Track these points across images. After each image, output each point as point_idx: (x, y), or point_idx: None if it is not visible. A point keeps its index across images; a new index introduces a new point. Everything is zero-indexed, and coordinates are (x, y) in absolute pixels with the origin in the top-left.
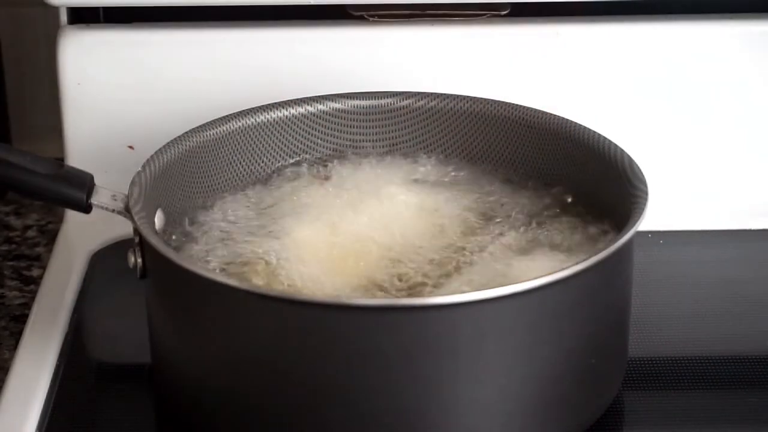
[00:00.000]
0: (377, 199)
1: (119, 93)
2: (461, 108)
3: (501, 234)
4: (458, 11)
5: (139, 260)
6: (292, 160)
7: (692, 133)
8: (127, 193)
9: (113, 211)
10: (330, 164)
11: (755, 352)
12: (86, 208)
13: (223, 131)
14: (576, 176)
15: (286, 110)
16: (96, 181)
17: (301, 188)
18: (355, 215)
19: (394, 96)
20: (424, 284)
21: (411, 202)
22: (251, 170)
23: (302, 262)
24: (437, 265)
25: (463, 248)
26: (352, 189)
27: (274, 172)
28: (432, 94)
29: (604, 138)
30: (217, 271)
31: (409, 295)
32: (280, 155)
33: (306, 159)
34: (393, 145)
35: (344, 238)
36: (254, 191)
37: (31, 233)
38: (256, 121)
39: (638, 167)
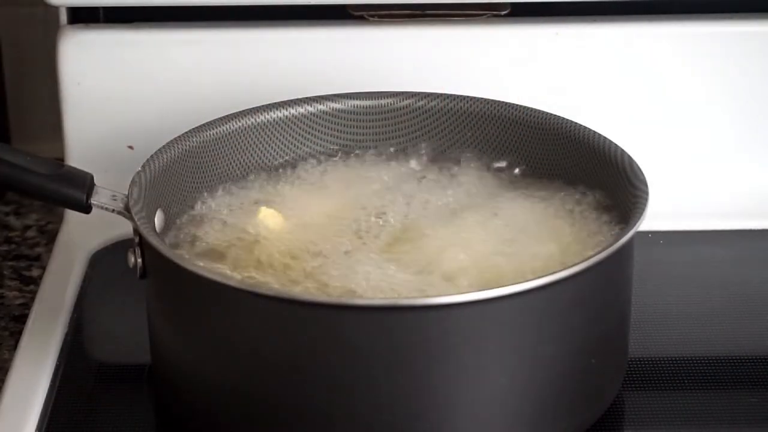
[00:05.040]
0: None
1: (119, 93)
2: (461, 108)
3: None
4: (458, 11)
5: (139, 260)
6: (291, 160)
7: (692, 133)
8: (127, 193)
9: (113, 211)
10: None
11: (755, 352)
12: (86, 208)
13: (223, 131)
14: (576, 176)
15: (286, 110)
16: (96, 181)
17: (300, 186)
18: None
19: (394, 96)
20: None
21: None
22: (251, 170)
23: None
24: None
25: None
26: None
27: (273, 171)
28: (432, 94)
29: (604, 138)
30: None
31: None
32: (279, 155)
33: (305, 159)
34: (393, 145)
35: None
36: (254, 190)
37: (30, 233)
38: (255, 121)
39: (638, 167)
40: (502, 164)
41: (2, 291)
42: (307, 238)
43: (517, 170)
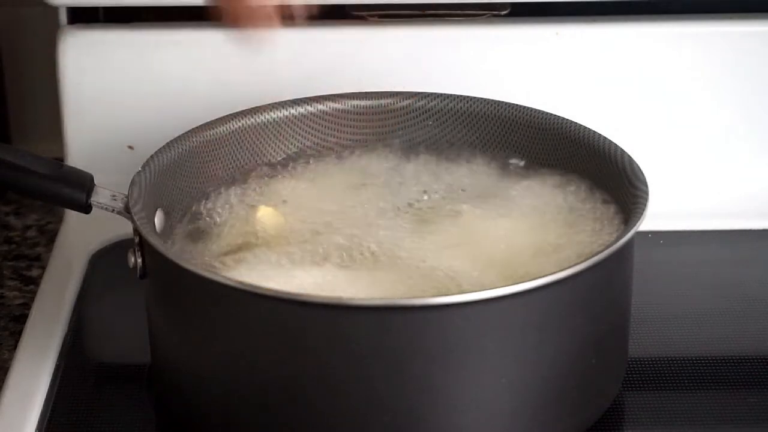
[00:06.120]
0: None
1: (119, 93)
2: (461, 108)
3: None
4: (458, 11)
5: (139, 260)
6: (291, 160)
7: (692, 133)
8: (126, 193)
9: (113, 211)
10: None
11: (755, 352)
12: (86, 208)
13: (223, 131)
14: (576, 176)
15: (286, 110)
16: (96, 181)
17: (301, 186)
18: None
19: (394, 96)
20: None
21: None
22: (250, 170)
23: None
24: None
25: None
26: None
27: (273, 171)
28: (432, 94)
29: (604, 138)
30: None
31: None
32: (279, 155)
33: (305, 159)
34: (393, 145)
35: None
36: (253, 191)
37: (30, 233)
38: (255, 121)
39: (638, 167)
40: (502, 164)
41: (2, 291)
42: (309, 236)
43: (516, 170)
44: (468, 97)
